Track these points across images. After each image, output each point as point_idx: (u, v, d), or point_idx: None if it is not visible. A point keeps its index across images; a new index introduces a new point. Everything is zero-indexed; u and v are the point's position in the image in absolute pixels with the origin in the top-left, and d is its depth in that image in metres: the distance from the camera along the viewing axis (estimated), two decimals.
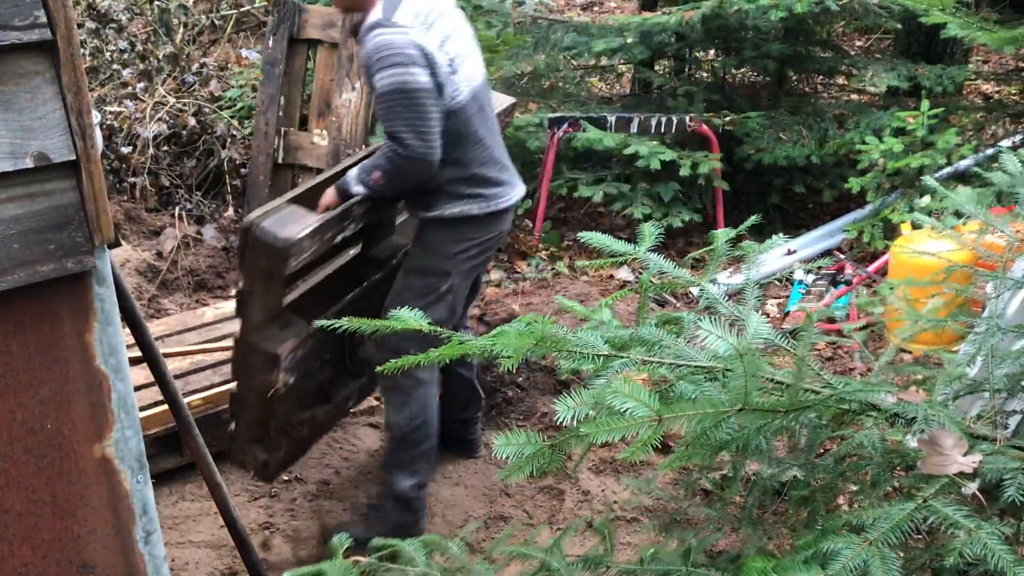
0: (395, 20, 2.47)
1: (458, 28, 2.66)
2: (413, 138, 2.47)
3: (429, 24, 2.51)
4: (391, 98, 2.47)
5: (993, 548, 1.09)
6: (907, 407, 1.34)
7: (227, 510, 2.16)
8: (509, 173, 2.84)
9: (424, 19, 2.50)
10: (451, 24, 2.62)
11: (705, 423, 1.14)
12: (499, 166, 2.77)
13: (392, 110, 2.48)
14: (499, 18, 5.68)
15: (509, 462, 1.32)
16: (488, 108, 2.77)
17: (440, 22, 2.56)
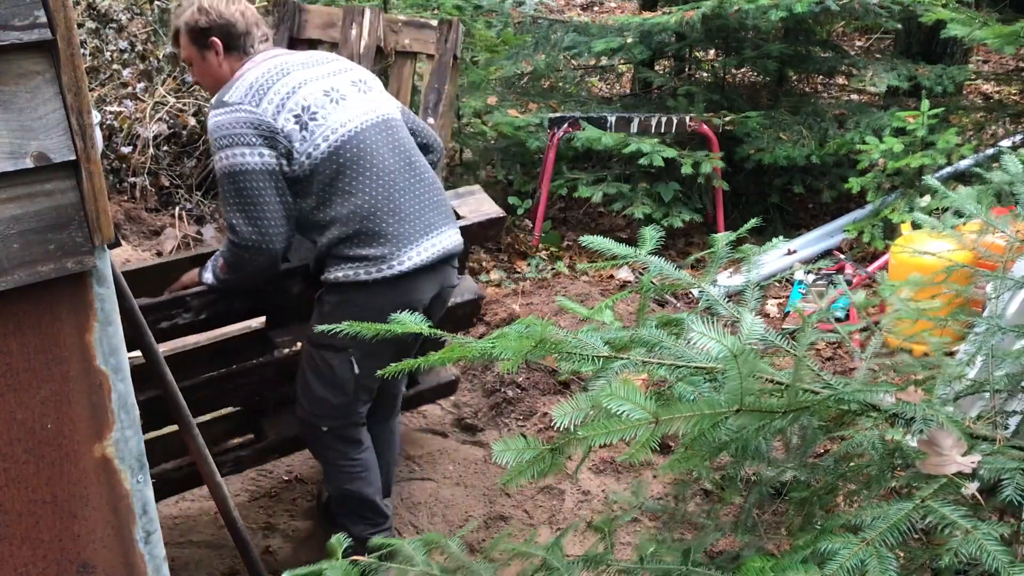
0: (226, 99, 2.29)
1: (320, 77, 2.39)
2: (245, 224, 2.27)
3: (264, 90, 2.29)
4: (222, 183, 2.30)
5: (989, 548, 1.09)
6: (906, 407, 1.34)
7: (227, 510, 2.16)
8: (421, 226, 2.40)
9: (258, 88, 2.29)
10: (307, 76, 2.36)
11: (703, 425, 1.14)
12: (399, 217, 2.36)
13: (224, 196, 2.31)
14: (499, 18, 5.68)
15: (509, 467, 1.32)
16: (387, 149, 2.41)
17: (284, 81, 2.32)
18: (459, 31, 4.28)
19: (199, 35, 2.40)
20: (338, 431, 2.54)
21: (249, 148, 2.24)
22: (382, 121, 2.44)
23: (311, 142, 2.29)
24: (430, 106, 4.34)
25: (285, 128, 2.26)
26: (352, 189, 2.32)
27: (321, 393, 2.47)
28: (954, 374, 1.63)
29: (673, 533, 2.02)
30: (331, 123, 2.32)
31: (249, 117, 2.25)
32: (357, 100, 2.42)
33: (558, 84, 6.37)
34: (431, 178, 2.52)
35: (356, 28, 4.41)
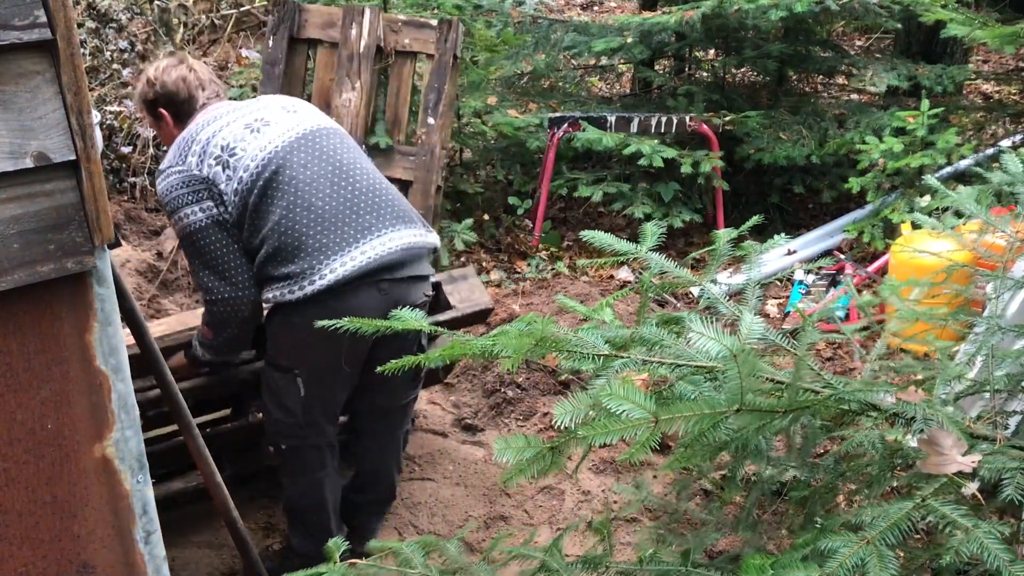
0: (161, 167, 2.34)
1: (248, 114, 2.38)
2: (214, 280, 2.28)
3: (189, 145, 2.32)
4: (182, 247, 2.34)
5: (989, 547, 1.09)
6: (906, 407, 1.34)
7: (227, 510, 2.16)
8: (350, 232, 2.28)
9: (183, 146, 2.32)
10: (232, 118, 2.36)
11: (703, 424, 1.14)
12: (322, 227, 2.26)
13: (189, 259, 2.35)
14: (499, 18, 5.68)
15: (509, 466, 1.32)
16: (308, 158, 2.33)
17: (207, 130, 2.33)
18: (459, 31, 4.28)
19: (150, 106, 2.47)
20: (297, 450, 2.50)
21: (190, 206, 2.27)
22: (306, 133, 2.38)
23: (235, 178, 2.27)
24: (430, 106, 4.34)
25: (210, 175, 2.27)
26: (272, 207, 2.26)
27: (274, 412, 2.47)
28: (954, 374, 1.63)
29: (673, 533, 2.02)
30: (250, 152, 2.29)
31: (180, 178, 2.28)
32: (280, 121, 2.38)
33: (558, 84, 6.37)
34: (370, 180, 2.40)
35: (356, 28, 4.41)
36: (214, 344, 2.41)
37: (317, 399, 2.42)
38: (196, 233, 2.27)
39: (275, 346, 2.41)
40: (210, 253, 2.27)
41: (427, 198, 4.36)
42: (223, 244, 2.27)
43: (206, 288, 2.30)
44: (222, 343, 2.40)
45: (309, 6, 4.56)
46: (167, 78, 2.42)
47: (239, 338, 2.42)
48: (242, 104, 2.45)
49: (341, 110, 4.45)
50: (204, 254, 2.28)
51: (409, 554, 1.63)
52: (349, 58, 4.42)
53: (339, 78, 4.45)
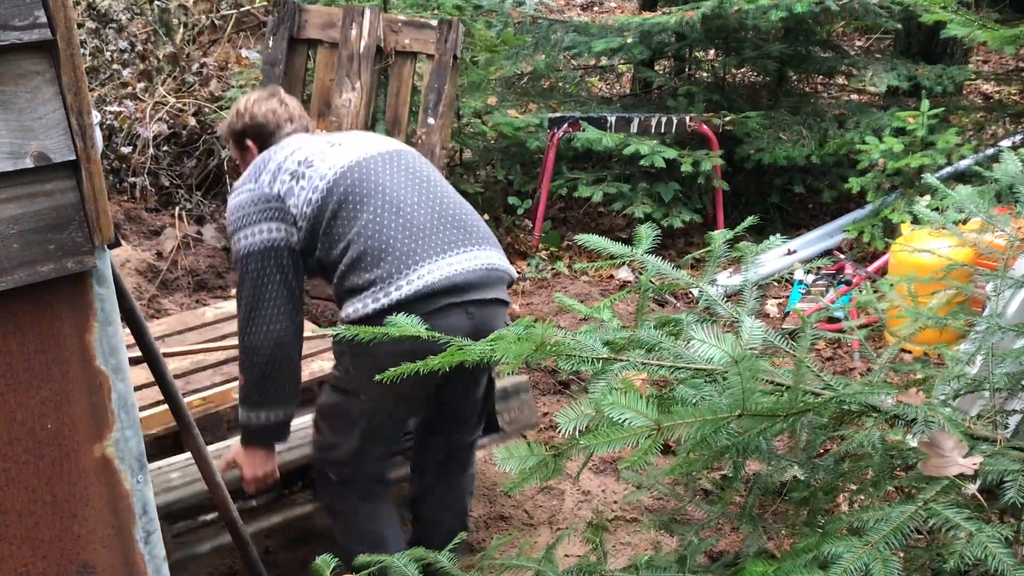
0: (234, 186, 2.30)
1: (326, 137, 2.36)
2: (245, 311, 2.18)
3: (264, 164, 2.27)
4: (237, 269, 2.23)
5: (993, 551, 1.09)
6: (907, 408, 1.34)
7: (227, 510, 2.16)
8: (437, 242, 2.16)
9: (258, 166, 2.27)
10: (312, 139, 2.34)
11: (705, 430, 1.14)
12: (409, 232, 2.15)
13: (239, 282, 2.23)
14: (499, 18, 5.68)
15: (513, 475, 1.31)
16: (393, 169, 2.25)
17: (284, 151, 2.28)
18: (459, 31, 4.28)
19: (238, 137, 2.44)
20: (349, 483, 2.34)
21: (252, 226, 2.18)
22: (389, 151, 2.30)
23: (309, 188, 2.18)
24: (430, 106, 4.34)
25: (280, 191, 2.19)
26: (357, 211, 2.15)
27: (330, 438, 2.32)
28: (954, 374, 1.63)
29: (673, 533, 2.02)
30: (329, 162, 2.22)
31: (249, 196, 2.21)
32: (360, 141, 2.32)
33: (558, 84, 6.37)
34: (455, 198, 2.31)
35: (356, 28, 4.41)
36: (252, 398, 2.24)
37: (379, 428, 2.29)
38: (249, 257, 2.17)
39: (343, 366, 2.25)
40: (252, 282, 2.17)
41: None
42: (270, 275, 2.17)
43: (240, 316, 2.21)
44: (258, 398, 2.23)
45: (309, 6, 4.56)
46: (257, 110, 2.39)
47: (273, 391, 2.22)
48: (328, 135, 2.42)
49: (341, 110, 4.45)
50: (247, 281, 2.18)
51: (403, 568, 1.61)
52: (349, 58, 4.42)
53: (339, 78, 4.45)
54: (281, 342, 2.18)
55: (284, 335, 2.18)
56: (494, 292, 2.25)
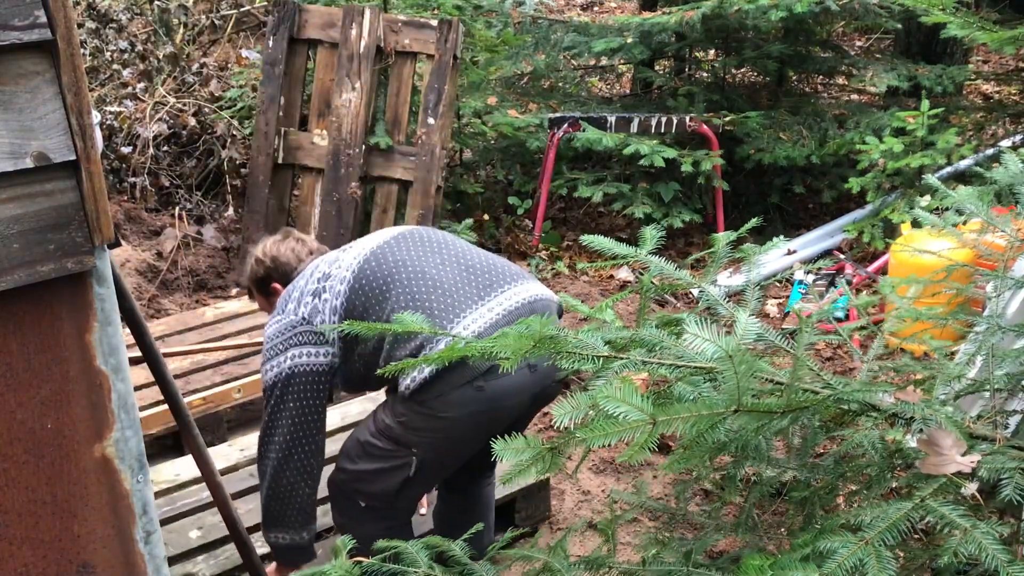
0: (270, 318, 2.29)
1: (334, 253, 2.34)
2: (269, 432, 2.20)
3: (289, 295, 2.27)
4: (265, 396, 2.24)
5: (988, 548, 1.09)
6: (906, 407, 1.35)
7: (227, 510, 2.16)
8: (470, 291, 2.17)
9: (285, 298, 2.28)
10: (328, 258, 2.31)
11: (700, 425, 1.14)
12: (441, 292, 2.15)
13: (265, 407, 2.24)
14: (499, 18, 5.69)
15: (510, 467, 1.32)
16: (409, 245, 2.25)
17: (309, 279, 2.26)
18: (459, 31, 4.28)
19: (262, 283, 2.44)
20: (375, 510, 2.30)
21: (281, 354, 2.19)
22: (397, 235, 2.31)
23: (332, 297, 2.19)
24: (430, 106, 4.35)
25: (306, 314, 2.20)
26: (384, 296, 2.15)
27: (367, 474, 2.25)
28: (954, 374, 1.63)
29: (674, 533, 2.02)
30: (344, 267, 2.22)
31: (278, 327, 2.21)
32: (368, 237, 2.33)
33: (558, 84, 6.37)
34: (477, 251, 2.32)
35: (356, 28, 4.41)
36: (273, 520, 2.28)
37: (425, 478, 2.27)
38: (274, 387, 2.19)
39: (400, 422, 2.18)
40: (274, 408, 2.19)
41: (427, 198, 4.36)
42: (287, 402, 2.18)
43: (264, 445, 2.23)
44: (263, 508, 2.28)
45: (309, 6, 4.56)
46: (277, 252, 2.41)
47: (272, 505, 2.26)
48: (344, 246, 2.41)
49: (341, 110, 4.45)
50: (270, 407, 2.20)
51: (414, 555, 1.63)
52: (349, 58, 4.42)
53: (339, 78, 4.45)
54: (281, 471, 2.21)
55: (286, 465, 2.21)
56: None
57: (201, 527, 2.64)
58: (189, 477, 2.82)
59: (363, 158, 4.46)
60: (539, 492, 2.88)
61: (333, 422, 3.15)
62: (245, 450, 3.02)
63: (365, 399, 3.36)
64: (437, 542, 1.70)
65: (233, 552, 2.46)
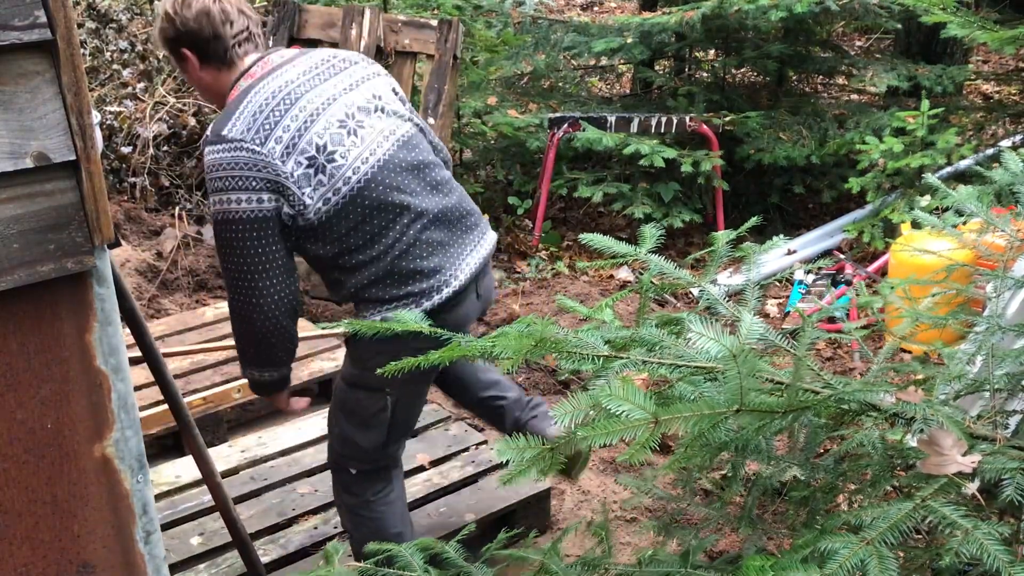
0: (224, 133, 1.99)
1: (333, 99, 2.10)
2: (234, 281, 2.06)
3: (272, 125, 1.99)
4: (215, 231, 2.06)
5: (989, 548, 1.09)
6: (906, 407, 1.34)
7: (227, 510, 2.16)
8: (457, 247, 2.20)
9: (263, 122, 1.99)
10: (319, 101, 2.07)
11: (702, 425, 1.14)
12: (433, 248, 2.15)
13: (218, 247, 2.08)
14: (499, 18, 5.69)
15: (511, 467, 1.32)
16: (411, 177, 2.16)
17: (294, 112, 2.03)
18: (459, 31, 4.28)
19: (170, 46, 2.13)
20: (369, 474, 2.35)
21: (246, 193, 1.97)
22: (401, 144, 2.17)
23: (329, 186, 2.03)
24: (430, 106, 4.34)
25: (295, 173, 1.99)
26: (381, 232, 2.09)
27: (351, 434, 2.30)
28: (954, 374, 1.63)
29: (673, 533, 2.02)
30: (351, 161, 2.06)
31: (252, 158, 1.97)
32: (375, 124, 2.14)
33: (558, 84, 6.38)
34: (456, 191, 2.29)
35: (356, 28, 4.41)
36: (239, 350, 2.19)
37: (404, 417, 2.31)
38: (235, 223, 1.99)
39: (365, 365, 2.16)
40: (241, 251, 2.02)
41: None
42: (263, 246, 2.02)
43: (227, 286, 2.11)
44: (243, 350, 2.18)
45: (309, 6, 4.56)
46: (186, 13, 2.06)
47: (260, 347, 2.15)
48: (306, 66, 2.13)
49: None
50: (234, 249, 2.02)
51: (408, 558, 1.62)
52: None
53: None
54: (273, 315, 2.08)
55: (276, 308, 2.08)
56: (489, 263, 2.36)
57: (203, 532, 2.64)
58: (190, 479, 2.82)
59: None
60: (538, 503, 2.87)
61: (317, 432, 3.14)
62: (245, 451, 3.02)
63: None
64: (431, 543, 1.70)
65: (236, 560, 2.47)
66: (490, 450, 3.06)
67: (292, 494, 2.83)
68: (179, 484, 2.82)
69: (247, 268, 2.04)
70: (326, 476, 2.90)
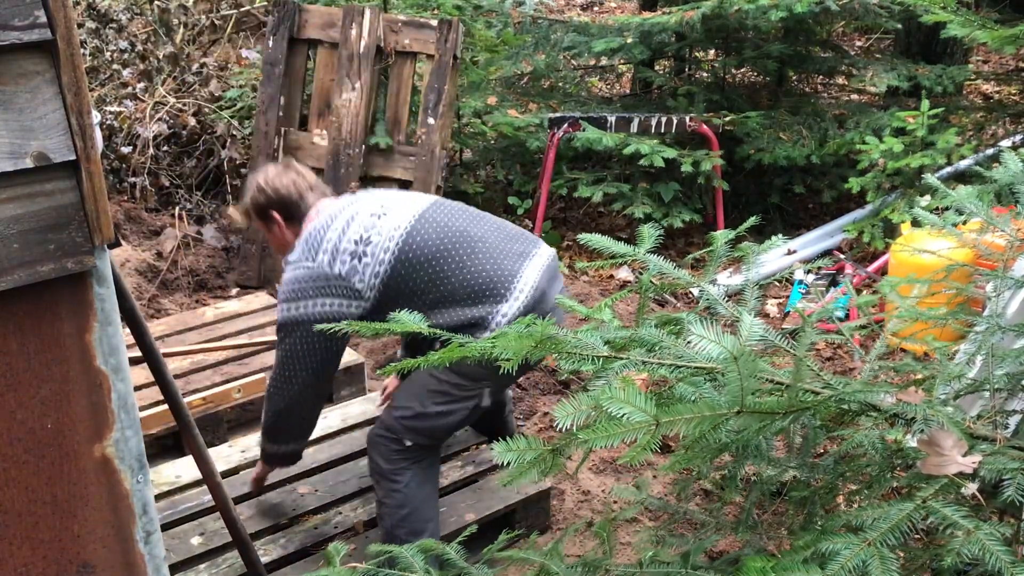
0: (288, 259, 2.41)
1: (364, 206, 2.45)
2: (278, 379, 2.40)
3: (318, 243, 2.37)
4: (280, 333, 2.39)
5: (991, 548, 1.09)
6: (906, 407, 1.34)
7: (227, 510, 2.16)
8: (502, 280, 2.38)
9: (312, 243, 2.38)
10: (354, 211, 2.43)
11: (703, 426, 1.14)
12: (478, 289, 2.36)
13: (279, 345, 2.39)
14: (499, 18, 5.68)
15: (511, 468, 1.31)
16: (445, 219, 2.43)
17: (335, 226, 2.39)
18: (459, 31, 4.28)
19: (261, 211, 2.56)
20: (417, 449, 2.47)
21: (310, 299, 2.32)
22: (432, 204, 2.48)
23: (374, 262, 2.33)
24: (430, 106, 4.34)
25: (343, 271, 2.33)
26: (433, 264, 2.34)
27: (432, 411, 2.42)
28: (954, 374, 1.63)
29: (673, 534, 2.02)
30: (385, 235, 2.35)
31: (308, 272, 2.33)
32: (401, 204, 2.46)
33: (558, 84, 6.37)
34: (495, 220, 2.54)
35: (356, 28, 4.41)
36: (263, 424, 2.51)
37: (483, 407, 2.49)
38: (298, 325, 2.32)
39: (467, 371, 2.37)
40: (297, 348, 2.34)
41: None
42: (312, 347, 2.33)
43: (274, 370, 2.41)
44: (267, 425, 2.50)
45: (309, 6, 4.56)
46: (277, 184, 2.52)
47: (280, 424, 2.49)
48: (355, 198, 2.53)
49: (341, 110, 4.45)
50: (291, 345, 2.34)
51: (409, 559, 1.62)
52: (349, 58, 4.42)
53: (339, 78, 4.45)
54: (299, 404, 2.43)
55: (303, 402, 2.43)
56: (558, 278, 2.63)
57: (203, 532, 2.64)
58: (190, 479, 2.82)
59: (363, 158, 4.46)
60: (539, 503, 2.88)
61: (333, 424, 3.16)
62: (246, 451, 3.02)
63: (365, 400, 3.36)
64: (432, 545, 1.70)
65: (236, 560, 2.49)
66: (490, 450, 3.06)
67: (292, 494, 2.83)
68: (179, 484, 2.82)
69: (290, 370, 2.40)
70: (326, 476, 2.91)
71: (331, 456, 3.01)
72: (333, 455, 3.01)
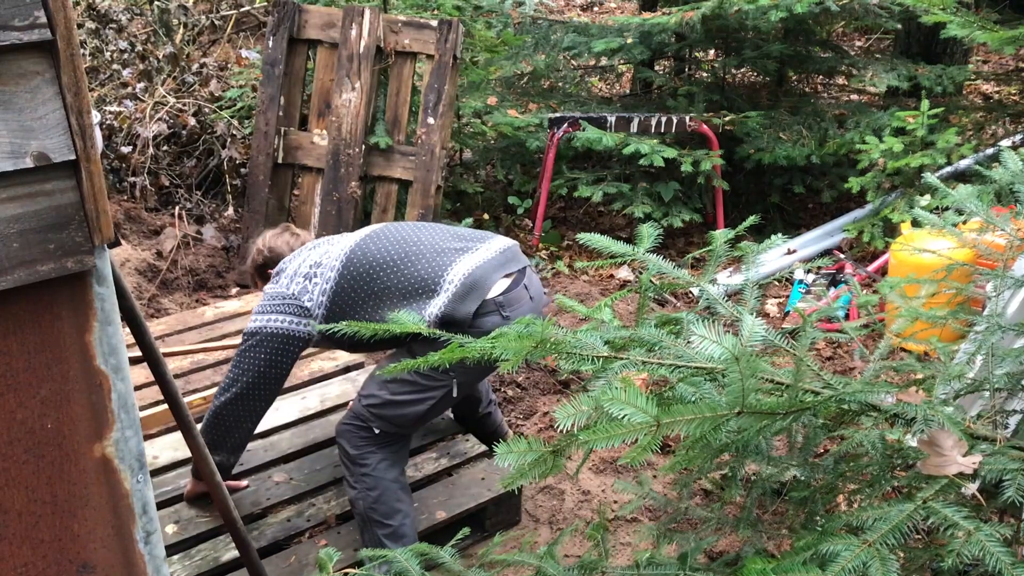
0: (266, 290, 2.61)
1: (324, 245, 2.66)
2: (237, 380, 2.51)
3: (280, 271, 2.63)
4: (243, 340, 2.53)
5: (991, 549, 1.09)
6: (907, 407, 1.34)
7: (227, 510, 2.16)
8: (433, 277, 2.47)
9: (276, 272, 2.65)
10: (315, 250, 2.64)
11: (704, 427, 1.14)
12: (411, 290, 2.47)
13: (239, 352, 2.53)
14: (499, 18, 5.68)
15: (512, 469, 1.31)
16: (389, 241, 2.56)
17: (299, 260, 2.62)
18: (459, 31, 4.28)
19: (260, 270, 2.85)
20: (385, 435, 2.54)
21: (274, 314, 2.51)
22: (380, 227, 2.65)
23: (322, 281, 2.52)
24: (430, 106, 4.34)
25: (296, 291, 2.53)
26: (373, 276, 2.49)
27: (400, 399, 2.49)
28: (954, 373, 1.63)
29: (673, 533, 2.02)
30: (333, 256, 2.55)
31: (272, 291, 2.57)
32: (356, 232, 2.67)
33: (558, 84, 6.37)
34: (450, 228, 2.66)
35: (356, 28, 4.41)
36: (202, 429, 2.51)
37: (450, 401, 2.57)
38: (255, 334, 2.50)
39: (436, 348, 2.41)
40: (250, 356, 2.49)
41: (427, 198, 4.36)
42: (264, 358, 2.49)
43: (228, 381, 2.52)
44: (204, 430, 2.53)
45: (309, 6, 4.56)
46: (274, 243, 2.82)
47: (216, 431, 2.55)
48: (333, 237, 2.74)
49: (341, 110, 4.45)
50: (247, 354, 2.50)
51: (404, 563, 1.62)
52: (349, 58, 4.42)
53: (339, 78, 4.45)
54: (232, 409, 2.53)
55: (237, 407, 2.52)
56: (515, 264, 2.59)
57: (177, 521, 2.63)
58: (167, 461, 2.82)
59: (363, 158, 4.46)
60: (510, 499, 2.88)
61: (312, 406, 3.20)
62: None
63: (344, 380, 3.37)
64: (426, 549, 1.69)
65: (209, 552, 2.53)
66: (466, 441, 3.07)
67: (267, 482, 2.82)
68: (156, 466, 2.81)
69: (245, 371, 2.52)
70: (302, 463, 2.92)
71: (307, 441, 3.02)
72: (309, 440, 3.02)
